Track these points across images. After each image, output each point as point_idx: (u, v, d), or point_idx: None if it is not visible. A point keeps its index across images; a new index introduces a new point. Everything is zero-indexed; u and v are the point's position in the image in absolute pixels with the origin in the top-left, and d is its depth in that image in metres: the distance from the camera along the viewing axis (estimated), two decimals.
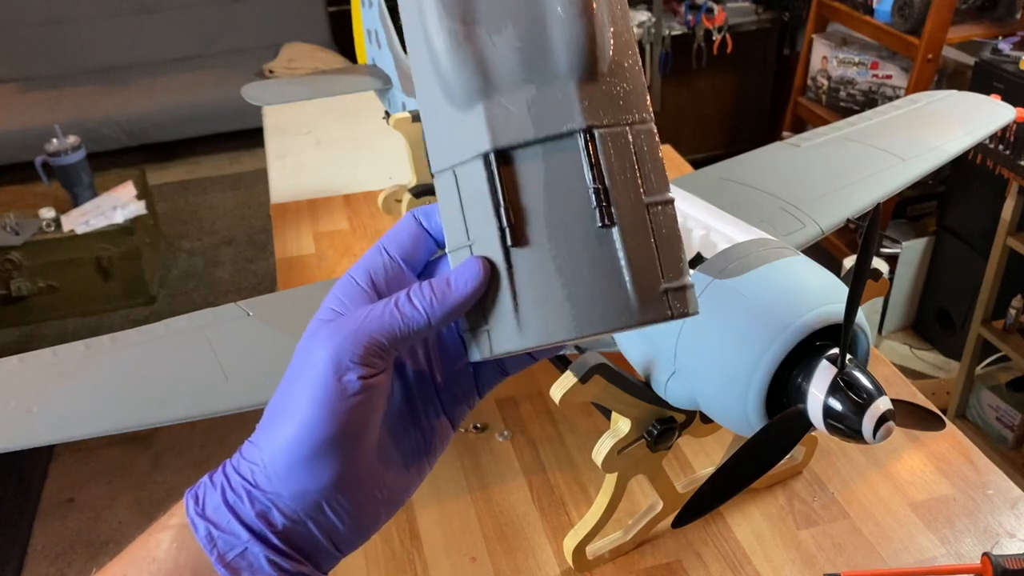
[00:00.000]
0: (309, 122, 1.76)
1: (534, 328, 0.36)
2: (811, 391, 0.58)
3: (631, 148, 0.36)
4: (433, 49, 0.36)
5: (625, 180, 0.36)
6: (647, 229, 0.36)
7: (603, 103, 0.36)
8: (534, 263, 0.36)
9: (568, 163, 0.36)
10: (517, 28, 0.36)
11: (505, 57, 0.36)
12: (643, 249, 0.35)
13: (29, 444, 0.68)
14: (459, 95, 0.36)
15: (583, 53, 0.36)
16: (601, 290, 0.35)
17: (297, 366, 0.36)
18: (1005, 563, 0.74)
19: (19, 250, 2.52)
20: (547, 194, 0.36)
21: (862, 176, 0.96)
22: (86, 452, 2.17)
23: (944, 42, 2.10)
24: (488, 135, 0.36)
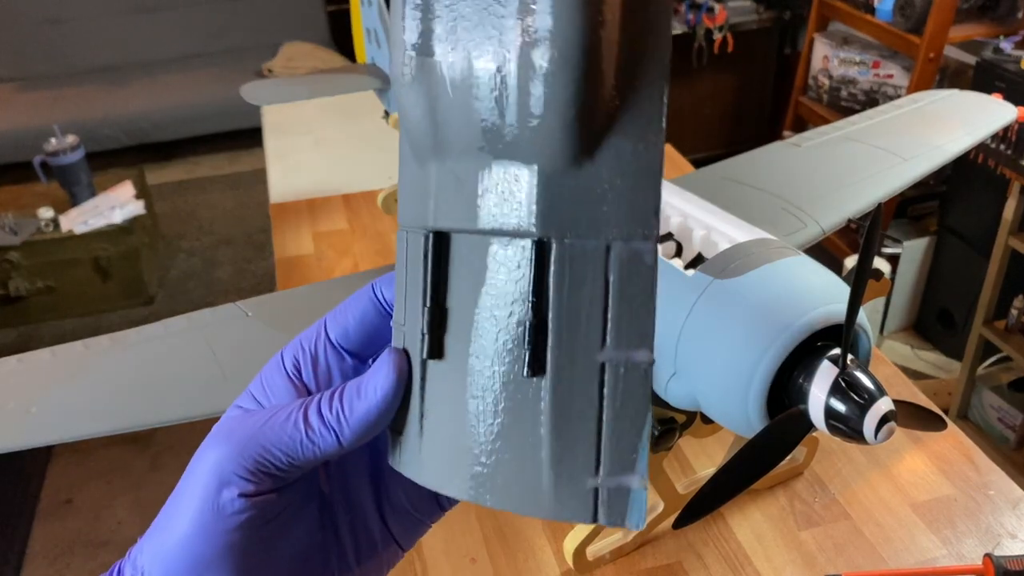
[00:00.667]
0: (308, 122, 1.76)
1: (432, 467, 0.29)
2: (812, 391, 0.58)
3: (603, 277, 0.26)
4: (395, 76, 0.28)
5: (578, 320, 0.26)
6: (593, 396, 0.26)
7: (577, 203, 0.26)
8: (447, 385, 0.28)
9: (511, 275, 0.27)
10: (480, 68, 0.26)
11: (460, 106, 0.26)
12: (577, 423, 0.26)
13: (28, 445, 0.68)
14: (417, 143, 0.28)
15: (560, 126, 0.25)
16: (511, 456, 0.27)
17: (191, 466, 0.30)
18: (1007, 564, 0.73)
19: (17, 250, 2.52)
20: (480, 305, 0.27)
21: (863, 176, 0.96)
22: (85, 453, 2.17)
23: (946, 41, 2.10)
24: (431, 210, 0.28)
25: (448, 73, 0.26)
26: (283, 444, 0.29)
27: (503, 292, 0.27)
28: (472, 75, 0.26)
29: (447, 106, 0.27)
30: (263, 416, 0.30)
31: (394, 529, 0.34)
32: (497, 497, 0.27)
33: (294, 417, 0.29)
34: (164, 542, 0.30)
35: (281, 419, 0.29)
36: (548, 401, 0.26)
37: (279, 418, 0.29)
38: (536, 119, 0.25)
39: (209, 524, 0.29)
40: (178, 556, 0.29)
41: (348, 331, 0.32)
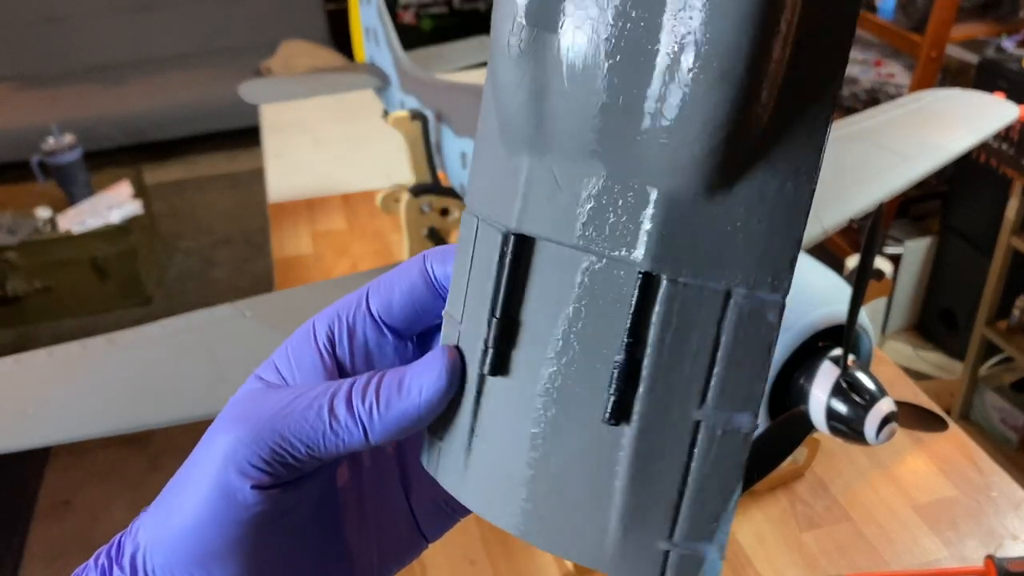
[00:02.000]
0: (307, 121, 1.76)
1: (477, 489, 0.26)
2: (814, 392, 0.58)
3: (716, 327, 0.23)
4: (498, 47, 0.24)
5: (678, 371, 0.23)
6: (681, 456, 0.23)
7: (701, 239, 0.22)
8: (508, 407, 0.25)
9: (606, 306, 0.23)
10: (611, 62, 0.22)
11: (577, 99, 0.23)
12: (658, 481, 0.23)
13: (25, 446, 0.67)
14: (511, 129, 0.25)
15: (701, 149, 0.21)
16: (574, 501, 0.24)
17: (199, 447, 0.27)
18: (1009, 566, 0.73)
19: (14, 250, 2.52)
20: (560, 330, 0.24)
21: (865, 175, 0.96)
22: (82, 454, 2.17)
23: (948, 40, 2.10)
24: (516, 209, 0.25)
25: (569, 56, 0.22)
26: (304, 434, 0.26)
27: (592, 322, 0.24)
28: (599, 65, 0.22)
29: (560, 95, 0.23)
30: (284, 398, 0.26)
31: (422, 521, 0.31)
32: (550, 540, 0.25)
33: (318, 404, 0.26)
34: (169, 525, 0.27)
35: (303, 405, 0.26)
36: (629, 453, 0.23)
37: (301, 403, 0.26)
38: (672, 135, 0.21)
39: (219, 513, 0.26)
40: (183, 543, 0.26)
41: (392, 304, 0.28)
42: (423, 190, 1.08)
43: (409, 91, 1.16)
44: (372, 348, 0.29)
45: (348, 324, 0.29)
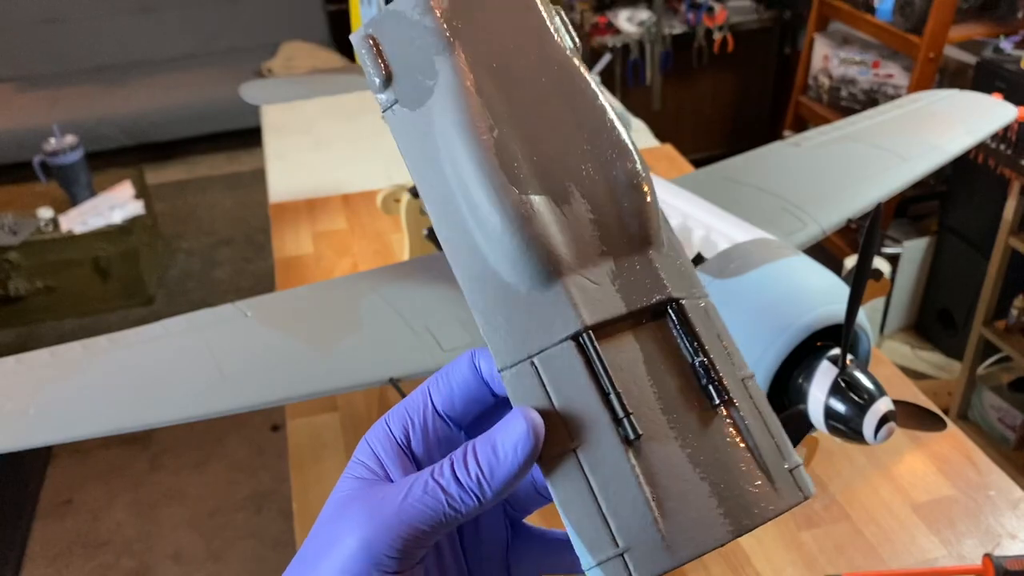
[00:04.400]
0: (308, 122, 1.76)
1: (684, 538, 0.29)
2: (812, 392, 0.58)
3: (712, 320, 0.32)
4: (488, 230, 0.31)
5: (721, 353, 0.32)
6: (752, 404, 0.31)
7: (675, 274, 0.33)
8: (664, 458, 0.29)
9: (660, 339, 0.31)
10: (586, 198, 0.32)
11: (581, 230, 0.32)
12: (758, 427, 0.31)
13: (27, 445, 0.68)
14: (530, 277, 0.31)
15: (652, 220, 0.33)
16: (737, 477, 0.30)
17: (323, 545, 0.30)
18: (1006, 564, 0.73)
19: (17, 250, 2.52)
20: (650, 375, 0.31)
21: (863, 176, 0.96)
22: (84, 453, 2.17)
23: (946, 41, 2.10)
24: (578, 313, 0.30)
25: (560, 204, 0.32)
26: (427, 518, 0.28)
27: (660, 353, 0.31)
28: (579, 199, 0.32)
29: (566, 230, 0.32)
30: (398, 491, 0.29)
31: (514, 570, 0.35)
32: (749, 517, 0.29)
33: (432, 487, 0.29)
34: None
35: (418, 492, 0.29)
36: (739, 419, 0.31)
37: (416, 491, 0.29)
38: (636, 220, 0.33)
39: None
40: None
41: (453, 401, 0.33)
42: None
43: None
44: (442, 438, 0.33)
45: (420, 422, 0.32)
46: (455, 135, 0.32)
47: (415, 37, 0.33)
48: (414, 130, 0.33)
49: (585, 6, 2.96)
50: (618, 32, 2.87)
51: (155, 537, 1.93)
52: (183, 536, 1.92)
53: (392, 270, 0.93)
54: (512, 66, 0.33)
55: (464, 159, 0.31)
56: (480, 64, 0.33)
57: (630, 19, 2.90)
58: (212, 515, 1.95)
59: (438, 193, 0.33)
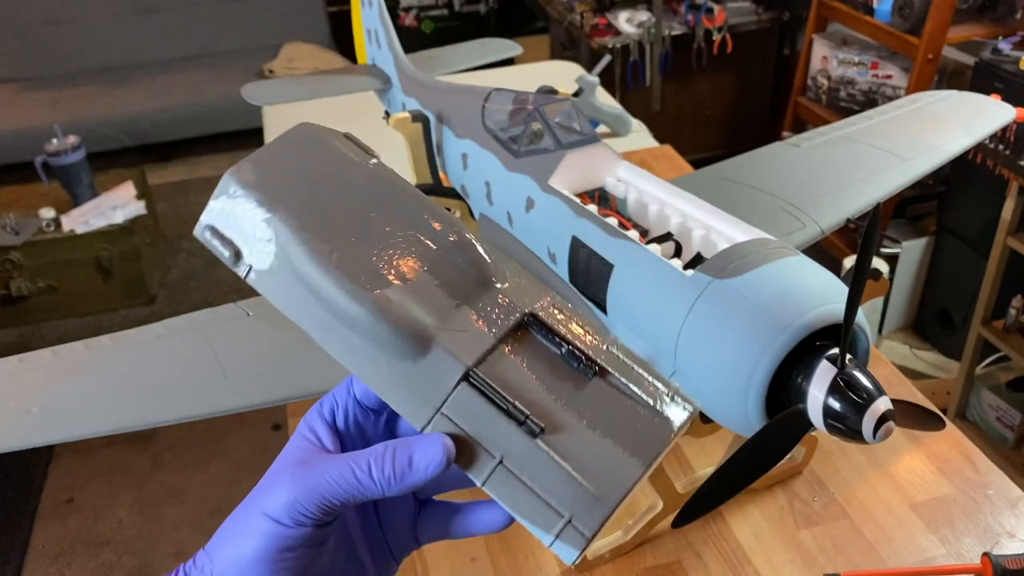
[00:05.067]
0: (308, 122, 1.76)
1: (609, 486, 0.35)
2: (811, 391, 0.58)
3: (564, 313, 0.39)
4: (362, 330, 0.37)
5: (580, 335, 0.39)
6: (620, 361, 0.38)
7: (521, 294, 0.40)
8: (568, 435, 0.36)
9: (529, 346, 0.38)
10: (425, 270, 0.39)
11: (432, 295, 0.38)
12: (632, 376, 0.38)
13: (29, 444, 0.68)
14: (409, 351, 0.37)
15: (483, 264, 0.40)
16: (628, 422, 0.36)
17: (259, 496, 0.38)
18: (1005, 563, 0.74)
19: (19, 250, 2.52)
20: (534, 376, 0.37)
21: (862, 176, 0.96)
22: (86, 452, 2.17)
23: (944, 42, 2.10)
24: (459, 359, 0.37)
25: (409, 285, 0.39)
26: (340, 494, 0.37)
27: (535, 357, 0.38)
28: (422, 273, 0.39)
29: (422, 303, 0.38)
30: (324, 469, 0.37)
31: (421, 535, 0.44)
32: (652, 447, 0.36)
33: (351, 472, 0.37)
34: (232, 553, 0.38)
35: (338, 473, 0.37)
36: (618, 384, 0.38)
37: (337, 472, 0.37)
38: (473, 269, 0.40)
39: (279, 544, 0.37)
40: (246, 566, 0.37)
41: (369, 393, 0.41)
42: (424, 191, 1.09)
43: (410, 93, 1.17)
44: (362, 423, 0.42)
45: (343, 407, 0.41)
46: (306, 271, 0.38)
47: (242, 212, 0.40)
48: (275, 283, 0.40)
49: (585, 7, 2.96)
50: (618, 33, 2.88)
51: (157, 536, 1.93)
52: (185, 535, 1.93)
53: None
54: (327, 197, 0.40)
55: (322, 286, 0.38)
56: (301, 209, 0.40)
57: (630, 20, 2.91)
58: (214, 514, 1.95)
59: (316, 322, 0.39)
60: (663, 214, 0.78)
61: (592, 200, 0.82)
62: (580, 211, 0.77)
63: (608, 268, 0.73)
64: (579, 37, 2.98)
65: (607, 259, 0.73)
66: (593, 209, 0.77)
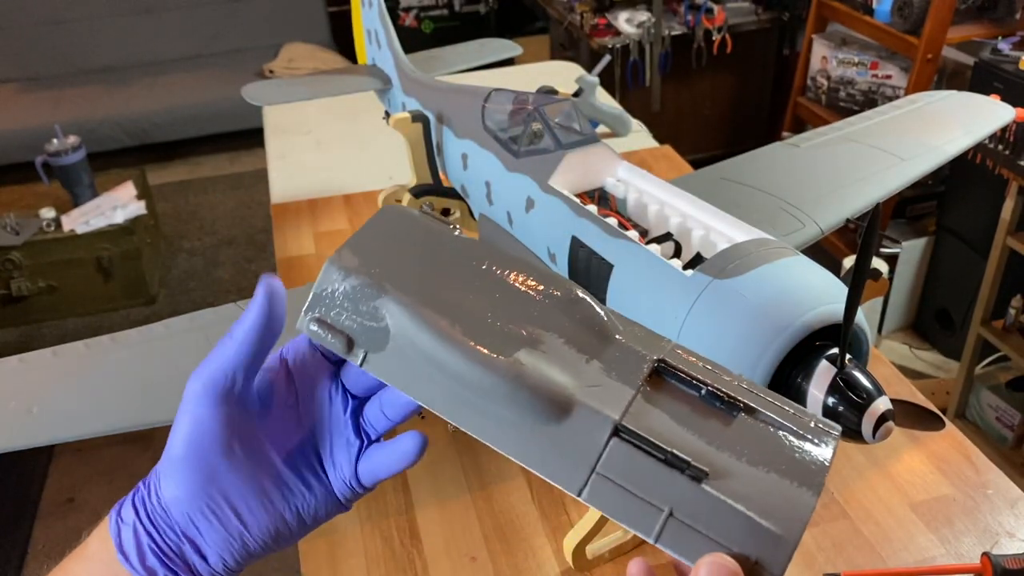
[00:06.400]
0: (309, 122, 1.77)
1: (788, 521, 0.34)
2: (811, 391, 0.58)
3: (688, 355, 0.39)
4: (500, 399, 0.37)
5: (711, 374, 0.38)
6: (756, 395, 0.38)
7: (643, 341, 0.39)
8: (734, 476, 0.35)
9: (667, 393, 0.37)
10: (550, 330, 0.38)
11: (563, 354, 0.38)
12: (774, 408, 0.37)
13: (29, 444, 0.68)
14: (551, 413, 0.36)
15: (600, 317, 0.39)
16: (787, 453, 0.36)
17: (183, 403, 0.43)
18: (1005, 563, 0.74)
19: (19, 250, 2.52)
20: (680, 423, 0.36)
21: (862, 176, 0.96)
22: (86, 452, 2.17)
23: (944, 42, 2.11)
24: (606, 415, 0.36)
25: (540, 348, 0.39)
26: (220, 364, 0.42)
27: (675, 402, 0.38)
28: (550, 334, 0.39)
29: (554, 364, 0.38)
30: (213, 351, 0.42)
31: (332, 480, 0.45)
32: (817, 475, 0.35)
33: (224, 340, 0.42)
34: (168, 452, 0.43)
35: (216, 350, 0.42)
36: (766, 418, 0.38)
37: (215, 350, 0.42)
38: (596, 322, 0.41)
39: (195, 428, 0.42)
40: (175, 455, 0.42)
41: None
42: (424, 191, 1.09)
43: (410, 93, 1.17)
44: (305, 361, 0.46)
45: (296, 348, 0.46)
46: (431, 347, 0.37)
47: (350, 298, 0.40)
48: (395, 365, 0.39)
49: (585, 8, 2.96)
50: (618, 33, 2.88)
51: None
52: None
53: None
54: (431, 271, 0.40)
55: (448, 359, 0.37)
56: (410, 286, 0.39)
57: (629, 20, 2.91)
58: None
59: (447, 398, 0.38)
60: (663, 214, 0.78)
61: (592, 200, 0.82)
62: (580, 211, 0.77)
63: (608, 268, 0.73)
64: (579, 37, 2.98)
65: (607, 259, 0.73)
66: (593, 209, 0.77)
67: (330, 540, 0.82)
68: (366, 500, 0.86)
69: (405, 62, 1.22)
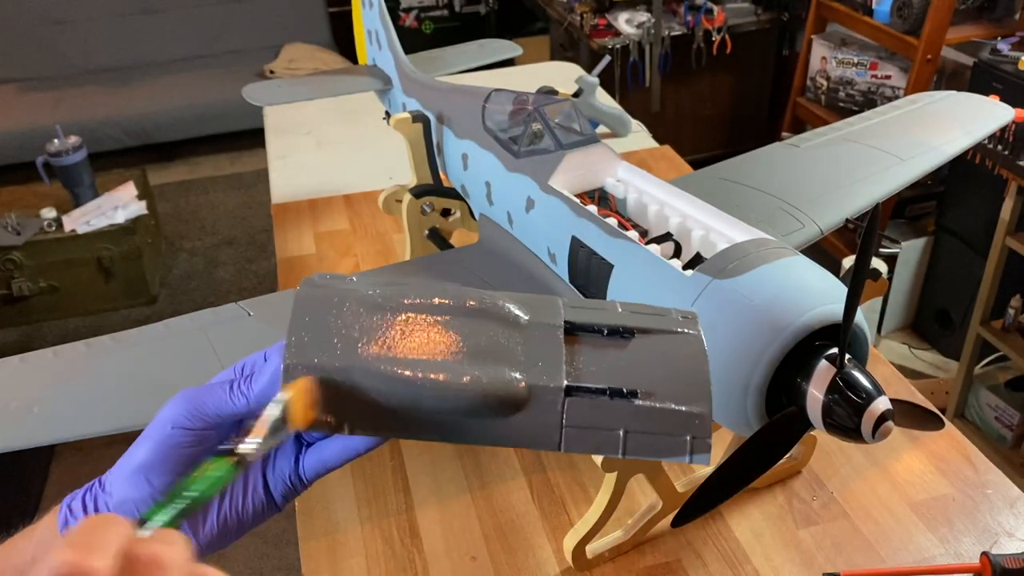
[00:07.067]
0: (310, 122, 1.77)
1: (698, 401, 0.44)
2: (810, 391, 0.58)
3: (579, 306, 0.47)
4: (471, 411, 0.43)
5: (603, 312, 0.48)
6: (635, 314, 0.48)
7: (544, 313, 0.47)
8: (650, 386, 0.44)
9: (581, 343, 0.46)
10: (479, 340, 0.44)
11: (501, 355, 0.44)
12: (649, 320, 0.48)
13: (30, 444, 0.68)
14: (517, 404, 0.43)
15: (509, 311, 0.46)
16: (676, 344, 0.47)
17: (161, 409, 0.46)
18: (1004, 562, 0.74)
19: (20, 250, 2.53)
20: (600, 360, 0.45)
21: (861, 176, 0.97)
22: (87, 452, 2.17)
23: (943, 42, 2.11)
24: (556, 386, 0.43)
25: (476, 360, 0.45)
26: (216, 403, 0.45)
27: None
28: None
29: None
30: (211, 387, 0.46)
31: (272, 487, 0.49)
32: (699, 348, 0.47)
33: (226, 388, 0.46)
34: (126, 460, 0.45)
35: (217, 389, 0.46)
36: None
37: (217, 388, 0.46)
38: None
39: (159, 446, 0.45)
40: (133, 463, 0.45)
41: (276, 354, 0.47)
42: (425, 191, 1.09)
43: (411, 93, 1.17)
44: None
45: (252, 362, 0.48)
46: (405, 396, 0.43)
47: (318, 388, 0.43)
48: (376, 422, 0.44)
49: (585, 8, 2.96)
50: (617, 34, 2.88)
51: None
52: None
53: (394, 270, 0.94)
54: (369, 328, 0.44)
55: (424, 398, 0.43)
56: (359, 351, 0.44)
57: (629, 21, 2.91)
58: None
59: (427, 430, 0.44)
60: (663, 214, 0.78)
61: (592, 200, 0.82)
62: (580, 211, 0.78)
63: (608, 268, 0.73)
64: (579, 38, 2.98)
65: (607, 259, 0.73)
66: (593, 209, 0.77)
67: (331, 540, 0.82)
68: (367, 500, 0.86)
69: (405, 62, 1.22)
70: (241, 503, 0.48)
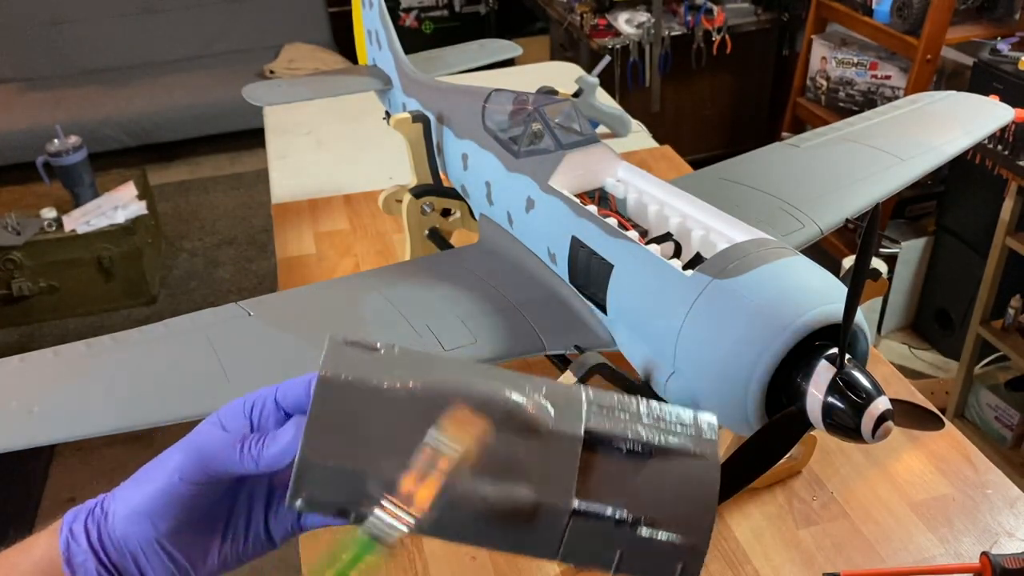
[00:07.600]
0: (310, 122, 1.77)
1: (696, 534, 0.44)
2: (810, 391, 0.59)
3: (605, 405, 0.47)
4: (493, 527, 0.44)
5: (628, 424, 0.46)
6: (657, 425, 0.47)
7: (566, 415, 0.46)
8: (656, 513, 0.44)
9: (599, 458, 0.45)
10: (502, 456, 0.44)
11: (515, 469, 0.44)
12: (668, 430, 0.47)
13: (30, 444, 0.68)
14: (521, 520, 0.44)
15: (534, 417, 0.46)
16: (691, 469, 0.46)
17: (168, 452, 0.47)
18: (1004, 562, 0.74)
19: (20, 250, 2.53)
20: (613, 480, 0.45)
21: (861, 176, 0.97)
22: (87, 452, 2.17)
23: (943, 42, 2.11)
24: (563, 507, 0.43)
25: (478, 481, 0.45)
26: (224, 462, 0.46)
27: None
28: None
29: None
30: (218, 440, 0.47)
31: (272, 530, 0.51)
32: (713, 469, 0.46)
33: (232, 448, 0.46)
34: (132, 497, 0.47)
35: (227, 448, 0.46)
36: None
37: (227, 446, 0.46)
38: None
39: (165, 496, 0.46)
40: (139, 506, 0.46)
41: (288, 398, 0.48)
42: (425, 191, 1.09)
43: (411, 93, 1.17)
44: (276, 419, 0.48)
45: (260, 404, 0.49)
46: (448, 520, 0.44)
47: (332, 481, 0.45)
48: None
49: (585, 8, 2.96)
50: (617, 34, 2.88)
51: None
52: None
53: (394, 270, 0.94)
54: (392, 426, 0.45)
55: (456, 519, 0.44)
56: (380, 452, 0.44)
57: (629, 21, 2.91)
58: None
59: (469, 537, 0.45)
60: (663, 214, 0.78)
61: (592, 200, 0.82)
62: (580, 211, 0.78)
63: (608, 268, 0.73)
64: (579, 38, 2.98)
65: (607, 259, 0.73)
66: (593, 209, 0.77)
67: (331, 540, 0.82)
68: None
69: (405, 62, 1.22)
70: (243, 545, 0.50)
